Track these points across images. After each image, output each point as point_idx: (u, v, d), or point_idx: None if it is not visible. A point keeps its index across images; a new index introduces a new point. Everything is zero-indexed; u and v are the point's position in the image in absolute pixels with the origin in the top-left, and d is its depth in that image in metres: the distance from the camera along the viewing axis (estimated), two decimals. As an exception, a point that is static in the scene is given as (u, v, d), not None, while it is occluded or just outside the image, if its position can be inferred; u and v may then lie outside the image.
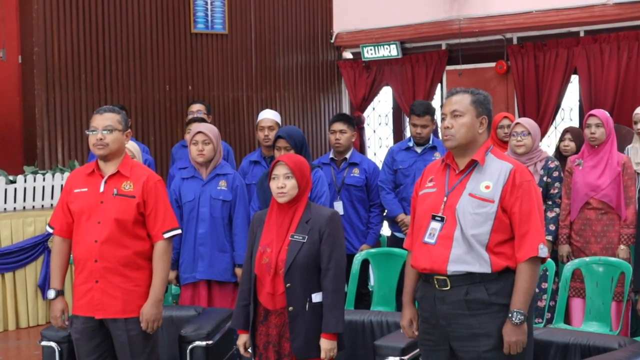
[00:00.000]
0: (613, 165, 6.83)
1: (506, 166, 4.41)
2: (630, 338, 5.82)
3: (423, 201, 4.53)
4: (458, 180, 4.45)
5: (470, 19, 10.82)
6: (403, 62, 11.72)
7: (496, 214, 4.32)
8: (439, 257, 4.35)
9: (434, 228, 4.41)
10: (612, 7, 9.76)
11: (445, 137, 4.46)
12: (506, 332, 4.27)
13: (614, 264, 6.42)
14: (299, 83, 12.02)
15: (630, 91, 9.79)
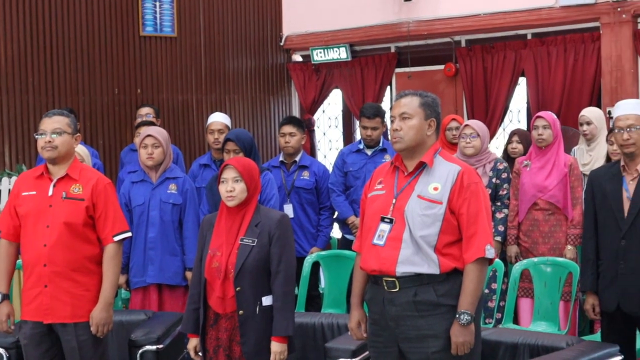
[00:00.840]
0: (560, 166, 6.90)
1: (454, 168, 4.44)
2: (578, 337, 5.88)
3: (372, 203, 4.55)
4: (407, 182, 4.48)
5: (419, 21, 10.86)
6: (352, 64, 11.72)
7: (444, 216, 4.35)
8: (388, 258, 4.37)
9: (383, 230, 4.43)
10: (558, 9, 9.85)
11: (394, 140, 4.49)
12: (454, 333, 4.30)
13: (562, 264, 6.49)
14: (249, 86, 11.98)
15: (576, 93, 9.88)
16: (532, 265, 6.57)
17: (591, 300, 5.42)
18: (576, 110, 8.65)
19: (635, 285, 5.20)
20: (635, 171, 5.30)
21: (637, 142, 5.25)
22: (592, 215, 5.46)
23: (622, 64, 9.49)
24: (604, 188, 5.37)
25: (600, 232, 5.40)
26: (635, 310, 5.25)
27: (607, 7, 9.49)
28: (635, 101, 5.63)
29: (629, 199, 5.27)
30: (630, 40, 9.46)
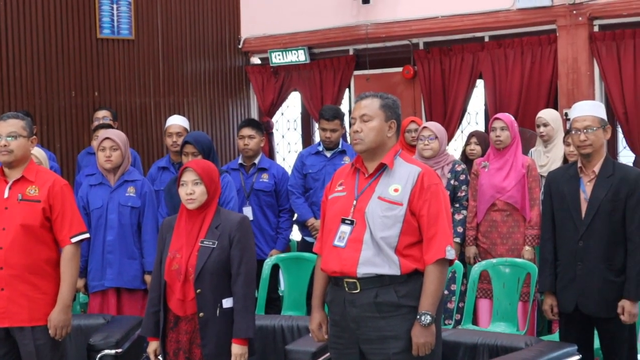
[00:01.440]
0: (518, 167, 6.95)
1: (414, 170, 4.46)
2: (537, 337, 5.92)
3: (333, 205, 4.56)
4: (367, 184, 4.49)
5: (377, 24, 10.88)
6: (311, 67, 11.72)
7: (405, 217, 4.37)
8: (349, 260, 4.38)
9: (344, 231, 4.44)
10: (515, 12, 9.91)
11: (354, 142, 4.50)
12: (414, 333, 4.32)
13: (520, 265, 6.53)
14: (207, 88, 11.94)
15: (534, 95, 9.94)
16: (490, 266, 6.61)
17: (549, 300, 5.45)
18: (533, 112, 8.71)
19: (592, 286, 5.24)
20: (592, 172, 5.34)
21: (594, 144, 5.29)
22: (550, 217, 5.49)
23: (579, 66, 9.57)
24: (562, 189, 5.41)
25: (558, 233, 5.44)
26: (593, 310, 5.29)
27: (564, 10, 9.56)
28: (592, 103, 5.69)
29: (586, 200, 5.31)
30: (587, 43, 9.53)
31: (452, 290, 6.85)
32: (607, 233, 5.24)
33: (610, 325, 5.29)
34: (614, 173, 5.31)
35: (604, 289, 5.25)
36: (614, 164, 5.39)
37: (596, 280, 5.24)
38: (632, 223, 5.23)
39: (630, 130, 9.43)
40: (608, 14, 9.42)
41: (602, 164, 5.34)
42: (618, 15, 9.38)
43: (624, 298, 5.19)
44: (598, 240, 5.25)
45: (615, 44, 9.41)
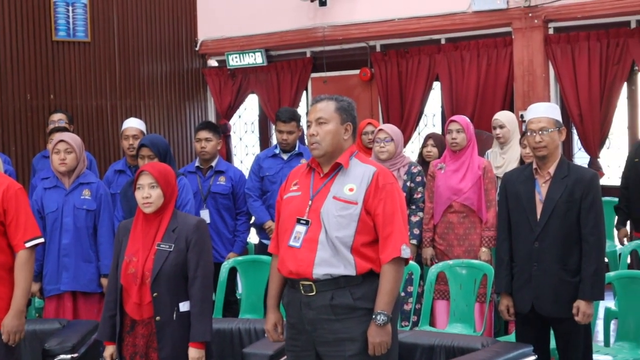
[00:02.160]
0: (474, 169, 6.98)
1: (369, 169, 4.47)
2: (493, 338, 5.96)
3: (288, 205, 4.56)
4: (322, 184, 4.49)
5: (334, 26, 10.91)
6: (268, 69, 11.73)
7: (360, 216, 4.37)
8: (305, 260, 4.38)
9: (299, 231, 4.43)
10: (471, 15, 9.97)
11: (312, 147, 4.50)
12: (370, 333, 4.32)
13: (477, 266, 6.56)
14: (164, 91, 11.90)
15: (490, 97, 10.01)
16: (447, 268, 6.63)
17: (505, 301, 5.47)
18: (489, 113, 8.77)
19: (548, 287, 5.27)
20: (548, 174, 5.37)
21: (549, 145, 5.31)
22: (506, 218, 5.51)
23: (534, 68, 9.66)
24: (517, 190, 5.43)
25: (514, 234, 5.46)
26: (549, 311, 5.32)
27: (519, 13, 9.64)
28: (547, 104, 5.72)
29: (541, 201, 5.34)
30: (542, 45, 9.62)
31: (409, 292, 6.86)
32: (562, 234, 5.27)
33: (566, 325, 5.32)
34: (568, 174, 5.34)
35: (560, 289, 5.28)
36: (569, 165, 5.43)
37: (551, 280, 5.27)
38: (587, 224, 5.26)
39: (585, 132, 9.52)
40: (563, 17, 9.51)
41: (557, 165, 5.37)
42: (572, 18, 9.47)
43: (579, 298, 5.22)
44: (553, 241, 5.28)
45: (570, 46, 9.51)
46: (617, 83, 9.39)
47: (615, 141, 10.11)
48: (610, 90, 9.39)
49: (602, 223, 5.31)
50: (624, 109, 9.86)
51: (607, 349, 6.09)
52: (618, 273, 6.22)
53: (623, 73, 9.35)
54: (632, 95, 9.80)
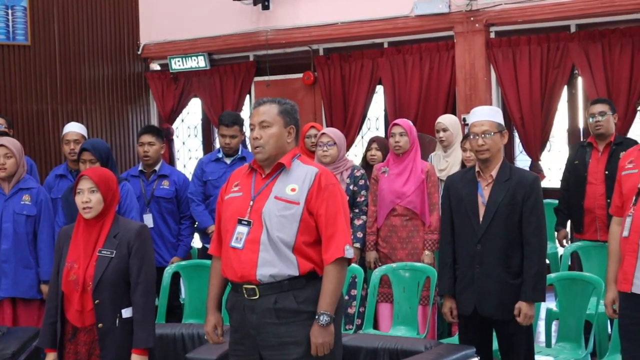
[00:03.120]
0: (417, 172, 7.01)
1: (312, 170, 4.47)
2: (436, 340, 5.98)
3: (229, 206, 4.54)
4: (264, 184, 4.48)
5: (277, 30, 10.91)
6: (211, 73, 11.70)
7: (302, 216, 4.37)
8: (248, 262, 4.37)
9: (241, 232, 4.42)
10: (414, 19, 10.02)
11: (255, 150, 4.48)
12: (313, 334, 4.32)
13: (420, 269, 6.58)
14: (106, 95, 11.81)
15: (432, 101, 10.07)
16: (391, 271, 6.65)
17: (448, 303, 5.50)
18: (432, 117, 8.82)
19: (490, 289, 5.30)
20: (490, 177, 5.40)
21: (492, 148, 5.34)
22: (449, 220, 5.54)
23: (476, 72, 9.73)
24: (460, 193, 5.46)
25: (457, 237, 5.48)
26: (491, 312, 5.35)
27: (461, 17, 9.71)
28: (490, 108, 5.75)
29: (484, 204, 5.36)
30: (483, 49, 9.70)
31: (353, 295, 6.87)
32: (504, 236, 5.31)
33: (508, 327, 5.35)
34: (510, 177, 5.37)
35: (502, 291, 5.31)
36: (511, 168, 5.47)
37: (494, 282, 5.30)
38: (529, 226, 5.30)
39: (527, 135, 9.62)
40: (504, 21, 9.60)
41: (499, 168, 5.41)
42: (513, 22, 9.56)
43: (520, 300, 5.26)
44: (495, 243, 5.31)
45: (511, 50, 9.60)
46: (558, 86, 9.50)
47: (556, 144, 10.24)
48: (551, 93, 9.49)
49: (543, 225, 5.36)
50: (564, 112, 9.97)
51: (548, 349, 6.14)
52: (559, 274, 6.28)
53: (563, 77, 9.46)
54: (572, 98, 9.91)
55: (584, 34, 9.29)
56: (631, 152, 5.14)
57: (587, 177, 7.24)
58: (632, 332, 4.94)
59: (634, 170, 4.95)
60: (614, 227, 5.15)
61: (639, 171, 4.92)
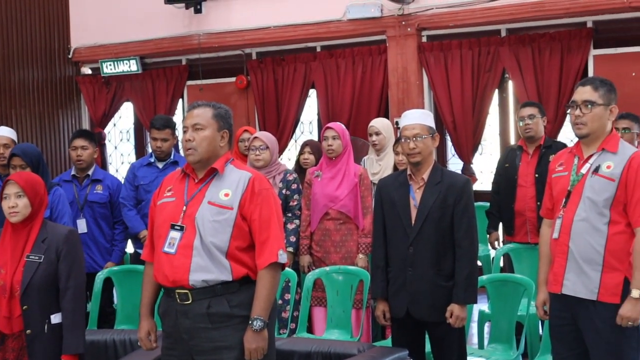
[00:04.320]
0: (350, 176, 7.02)
1: (245, 175, 4.47)
2: (370, 343, 6.00)
3: (162, 211, 4.52)
4: (197, 189, 4.47)
5: (210, 34, 10.87)
6: (143, 77, 11.61)
7: (235, 221, 4.37)
8: (181, 267, 4.35)
9: (174, 237, 4.40)
10: (346, 23, 10.05)
11: (187, 152, 4.47)
12: (247, 339, 4.31)
13: (353, 273, 6.60)
14: (36, 99, 11.65)
15: (365, 104, 10.10)
16: (324, 275, 6.66)
17: (381, 306, 5.51)
18: (365, 120, 8.84)
19: (422, 292, 5.33)
20: (422, 180, 5.43)
21: (423, 152, 5.37)
22: (381, 224, 5.55)
23: (408, 75, 9.78)
24: (392, 196, 5.48)
25: (389, 240, 5.50)
26: (424, 315, 5.38)
27: (393, 21, 9.76)
28: (421, 111, 5.77)
29: (415, 207, 5.39)
30: (415, 53, 9.76)
31: (287, 300, 6.86)
32: (436, 239, 5.34)
33: (440, 329, 5.39)
34: (442, 180, 5.41)
35: (434, 294, 5.34)
36: (442, 171, 5.50)
37: (426, 285, 5.33)
38: (460, 229, 5.34)
39: (459, 138, 9.69)
40: (435, 25, 9.67)
41: (431, 171, 5.44)
42: (445, 26, 9.64)
43: (452, 302, 5.30)
44: (427, 246, 5.34)
45: (443, 54, 9.67)
46: (489, 90, 9.59)
47: (488, 147, 10.34)
48: (482, 97, 9.58)
49: (474, 228, 5.40)
50: (495, 116, 10.07)
51: (481, 351, 6.20)
52: (490, 276, 6.34)
53: (494, 80, 9.56)
54: (503, 102, 10.02)
55: (514, 38, 9.39)
56: (561, 155, 5.20)
57: (518, 180, 7.30)
58: (562, 333, 5.01)
59: (564, 173, 5.02)
60: (544, 229, 5.21)
61: (568, 174, 4.98)
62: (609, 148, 4.89)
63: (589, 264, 4.81)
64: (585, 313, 4.86)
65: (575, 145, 5.08)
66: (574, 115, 4.93)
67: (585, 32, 9.10)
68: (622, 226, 4.78)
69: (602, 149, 4.90)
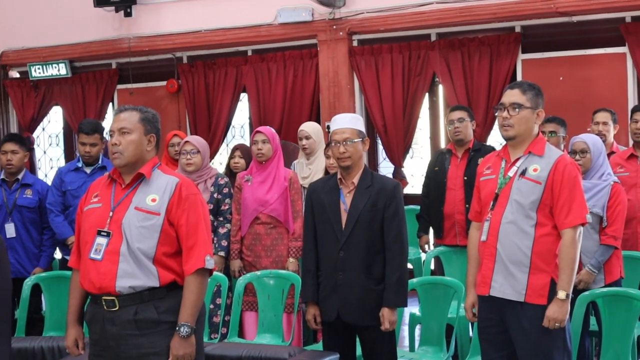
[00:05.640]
0: (280, 180, 7.02)
1: (172, 180, 4.46)
2: (301, 347, 6.00)
3: (88, 217, 4.48)
4: (124, 195, 4.44)
5: (140, 37, 10.79)
6: (73, 81, 11.49)
7: (162, 227, 4.35)
8: (107, 273, 4.31)
9: (100, 243, 4.37)
10: (277, 27, 10.05)
11: (113, 156, 4.45)
12: (174, 345, 4.29)
13: (284, 277, 6.59)
14: (-38, 103, 11.51)
15: (297, 108, 10.12)
16: (255, 279, 6.64)
17: (312, 310, 5.50)
18: (297, 124, 8.82)
19: (353, 296, 5.33)
20: (352, 184, 5.43)
21: (353, 156, 5.38)
22: (312, 228, 5.55)
23: (339, 79, 9.82)
24: (322, 200, 5.48)
25: (320, 244, 5.49)
26: (354, 319, 5.38)
27: (324, 25, 9.78)
28: (351, 115, 5.77)
29: (346, 211, 5.39)
30: (346, 57, 9.80)
31: (218, 304, 6.83)
32: (366, 243, 5.35)
33: (371, 332, 5.40)
34: (372, 184, 5.42)
35: (365, 297, 5.34)
36: (372, 175, 5.51)
37: (356, 289, 5.33)
38: (390, 233, 5.35)
39: (389, 142, 9.74)
40: (366, 29, 9.72)
41: (361, 175, 5.45)
42: (375, 31, 9.69)
43: (383, 306, 5.31)
44: (358, 250, 5.34)
45: (374, 58, 9.72)
46: (419, 94, 9.66)
47: (419, 151, 10.41)
48: (413, 101, 9.65)
49: (404, 231, 5.42)
50: (426, 120, 10.14)
51: (411, 353, 6.23)
52: (421, 279, 6.37)
53: (425, 84, 9.63)
54: (433, 106, 10.10)
55: (444, 42, 9.47)
56: (489, 158, 5.25)
57: (447, 183, 7.35)
58: (490, 334, 5.05)
59: (492, 176, 5.06)
60: (472, 232, 5.25)
61: (496, 177, 5.02)
62: (536, 151, 4.95)
63: (516, 266, 4.86)
64: (512, 314, 4.91)
65: (502, 148, 5.13)
66: (501, 117, 4.98)
67: (513, 36, 9.21)
68: (549, 228, 4.85)
69: (529, 152, 4.96)
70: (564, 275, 4.77)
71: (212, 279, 4.54)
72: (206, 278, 4.42)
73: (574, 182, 4.86)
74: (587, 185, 5.90)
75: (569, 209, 4.81)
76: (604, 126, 7.43)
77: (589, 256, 6.06)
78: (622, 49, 8.90)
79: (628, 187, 6.68)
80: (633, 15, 8.81)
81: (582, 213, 4.85)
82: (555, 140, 7.09)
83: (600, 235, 6.12)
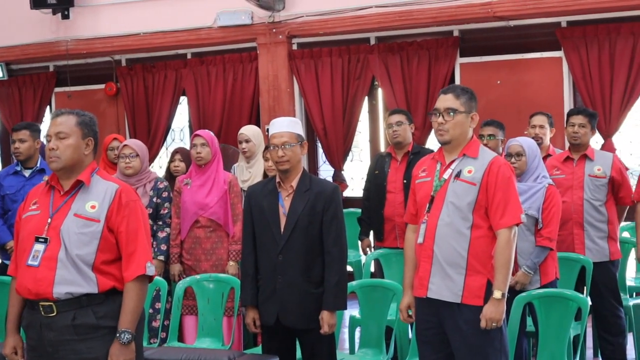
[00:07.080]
0: (220, 183, 7.01)
1: (112, 186, 4.43)
2: (240, 351, 5.99)
3: (26, 224, 4.45)
4: (63, 202, 4.41)
5: (78, 40, 10.71)
6: (9, 84, 11.39)
7: (102, 234, 4.33)
8: (44, 280, 4.28)
9: (38, 250, 4.34)
10: (217, 30, 10.04)
11: (50, 160, 4.42)
12: (114, 352, 4.27)
13: (224, 280, 6.58)
14: None
15: (236, 112, 10.12)
16: (195, 283, 6.62)
17: (251, 314, 5.50)
18: (237, 128, 8.83)
19: (292, 299, 5.34)
20: (290, 187, 5.44)
21: (291, 159, 5.39)
22: (251, 231, 5.55)
23: (279, 83, 9.83)
24: (261, 204, 5.48)
25: (259, 247, 5.50)
26: (294, 322, 5.38)
27: (263, 28, 9.80)
28: (289, 119, 5.78)
29: (284, 214, 5.40)
30: (286, 60, 9.82)
31: (157, 309, 6.81)
32: (305, 246, 5.36)
33: (311, 336, 5.41)
34: (310, 188, 5.43)
35: (304, 301, 5.36)
36: (311, 179, 5.53)
37: (296, 292, 5.35)
38: (329, 236, 5.37)
39: (329, 145, 9.78)
40: (305, 33, 9.74)
41: (300, 178, 5.46)
42: (315, 34, 9.72)
43: (323, 309, 5.33)
44: (297, 253, 5.35)
45: (313, 61, 9.75)
46: (359, 97, 9.71)
47: (358, 154, 10.46)
48: (352, 104, 9.70)
49: (343, 235, 5.44)
50: (366, 123, 10.20)
51: (351, 356, 6.25)
52: (360, 282, 6.39)
53: (364, 88, 9.68)
54: (372, 109, 10.16)
55: (383, 46, 9.53)
56: (424, 161, 5.30)
57: (387, 186, 7.39)
58: (428, 336, 5.10)
59: (427, 179, 5.11)
60: (409, 234, 5.29)
61: (431, 179, 5.07)
62: (470, 153, 5.01)
63: (453, 268, 4.91)
64: (450, 316, 4.95)
65: (437, 151, 5.18)
66: (436, 122, 5.03)
67: (451, 40, 9.29)
68: (484, 230, 4.91)
69: (463, 154, 5.02)
70: (500, 275, 4.83)
71: (152, 283, 4.51)
72: (146, 284, 4.41)
73: (507, 182, 4.93)
74: (522, 188, 5.99)
75: (504, 210, 4.88)
76: (541, 129, 7.52)
77: (525, 257, 6.13)
78: (558, 53, 9.04)
79: (564, 189, 6.78)
80: (569, 20, 8.95)
81: (517, 213, 4.92)
82: (493, 143, 7.16)
83: (535, 236, 6.19)
